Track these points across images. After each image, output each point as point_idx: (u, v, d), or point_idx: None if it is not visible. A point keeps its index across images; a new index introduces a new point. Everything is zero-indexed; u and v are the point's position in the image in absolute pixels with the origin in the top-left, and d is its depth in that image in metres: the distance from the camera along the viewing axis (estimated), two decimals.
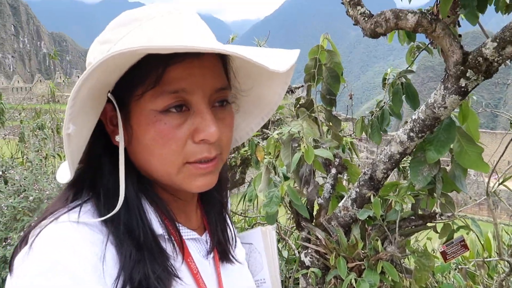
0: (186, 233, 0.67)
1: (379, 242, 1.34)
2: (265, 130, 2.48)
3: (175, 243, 0.62)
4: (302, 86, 2.54)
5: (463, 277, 1.68)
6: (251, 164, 2.63)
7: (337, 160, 1.70)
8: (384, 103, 1.60)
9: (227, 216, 0.78)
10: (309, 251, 1.57)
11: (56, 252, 0.51)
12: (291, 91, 2.81)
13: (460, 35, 1.40)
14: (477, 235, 1.40)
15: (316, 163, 1.73)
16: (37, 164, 3.06)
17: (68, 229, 0.54)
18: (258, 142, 2.32)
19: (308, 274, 1.45)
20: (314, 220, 1.65)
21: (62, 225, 0.55)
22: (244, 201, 2.61)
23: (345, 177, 1.85)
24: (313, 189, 1.70)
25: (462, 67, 1.23)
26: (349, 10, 1.36)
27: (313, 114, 1.81)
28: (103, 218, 0.56)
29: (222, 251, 0.73)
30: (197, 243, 0.69)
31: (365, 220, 1.47)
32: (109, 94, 0.58)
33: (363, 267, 1.34)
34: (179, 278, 0.60)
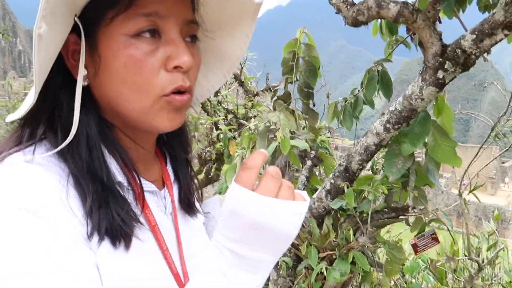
0: (145, 185, 0.63)
1: (351, 232, 1.33)
2: (243, 121, 2.46)
3: (134, 192, 0.59)
4: (280, 85, 2.54)
5: (433, 270, 1.68)
6: (223, 158, 2.59)
7: (313, 152, 1.69)
8: (359, 90, 1.60)
9: (192, 172, 0.75)
10: None
11: (13, 192, 0.48)
12: (269, 89, 2.80)
13: (440, 32, 1.42)
14: (449, 230, 1.41)
15: (292, 155, 1.71)
16: None
17: (23, 168, 0.50)
18: (232, 136, 2.29)
19: (279, 264, 1.42)
20: None
21: (15, 166, 0.51)
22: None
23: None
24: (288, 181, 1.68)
25: (440, 59, 1.24)
26: None
27: (290, 107, 1.80)
28: (58, 149, 0.53)
29: (186, 202, 0.70)
30: (155, 197, 0.65)
31: (338, 211, 1.46)
32: (75, 18, 0.54)
33: (334, 257, 1.32)
34: (140, 223, 0.57)
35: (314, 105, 1.88)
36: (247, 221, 0.48)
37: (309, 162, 1.69)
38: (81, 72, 0.55)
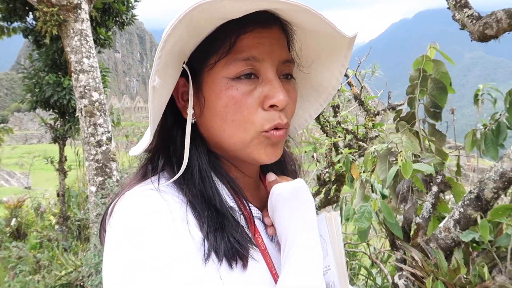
0: (253, 211, 0.66)
1: (485, 269, 1.19)
2: (363, 143, 2.39)
3: (245, 217, 0.63)
4: (403, 103, 2.42)
5: None
6: (345, 182, 2.54)
7: (440, 177, 1.57)
8: (500, 114, 1.44)
9: None
10: (404, 273, 1.45)
11: (143, 211, 0.54)
12: (392, 108, 2.68)
13: None
14: None
15: (416, 179, 1.61)
16: None
17: (150, 193, 0.57)
18: (353, 159, 2.25)
19: None
20: (410, 240, 1.52)
21: (144, 191, 0.58)
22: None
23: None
24: (410, 207, 1.58)
25: None
26: (456, 14, 1.27)
27: (414, 128, 1.70)
28: (174, 179, 0.59)
29: None
30: (261, 222, 0.68)
31: (470, 244, 1.32)
32: (184, 64, 0.61)
33: None
34: (255, 245, 0.61)
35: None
36: None
37: (435, 188, 1.57)
38: (190, 111, 0.62)
